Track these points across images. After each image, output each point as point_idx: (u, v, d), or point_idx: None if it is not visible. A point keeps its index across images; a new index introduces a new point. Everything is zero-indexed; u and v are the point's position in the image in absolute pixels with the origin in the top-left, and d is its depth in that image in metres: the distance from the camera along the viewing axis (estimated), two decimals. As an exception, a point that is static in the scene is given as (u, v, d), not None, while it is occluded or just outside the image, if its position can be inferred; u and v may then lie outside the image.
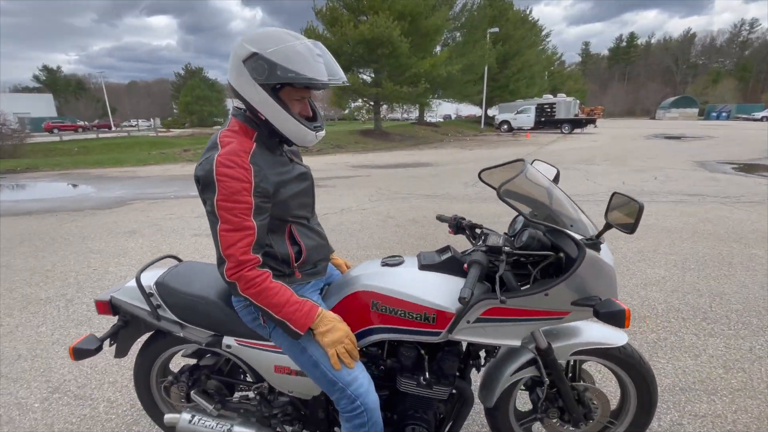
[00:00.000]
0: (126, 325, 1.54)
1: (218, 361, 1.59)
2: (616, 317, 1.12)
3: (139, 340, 1.58)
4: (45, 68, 59.69)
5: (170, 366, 1.72)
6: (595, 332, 1.41)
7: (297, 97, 1.17)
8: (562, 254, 1.24)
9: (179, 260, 1.64)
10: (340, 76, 1.15)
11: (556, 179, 1.50)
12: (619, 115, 69.47)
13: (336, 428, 1.46)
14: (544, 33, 40.88)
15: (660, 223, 5.05)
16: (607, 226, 1.21)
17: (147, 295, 1.43)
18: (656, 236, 4.53)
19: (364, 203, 6.64)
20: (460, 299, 1.03)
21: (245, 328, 1.34)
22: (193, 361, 1.60)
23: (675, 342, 2.49)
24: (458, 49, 24.66)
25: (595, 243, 1.18)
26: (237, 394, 1.59)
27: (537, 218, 1.22)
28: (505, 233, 1.46)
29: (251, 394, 1.52)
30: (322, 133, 1.25)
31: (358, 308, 1.31)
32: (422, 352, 1.34)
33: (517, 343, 1.26)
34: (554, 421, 1.50)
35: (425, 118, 33.15)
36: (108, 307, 1.51)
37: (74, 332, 2.74)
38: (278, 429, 1.46)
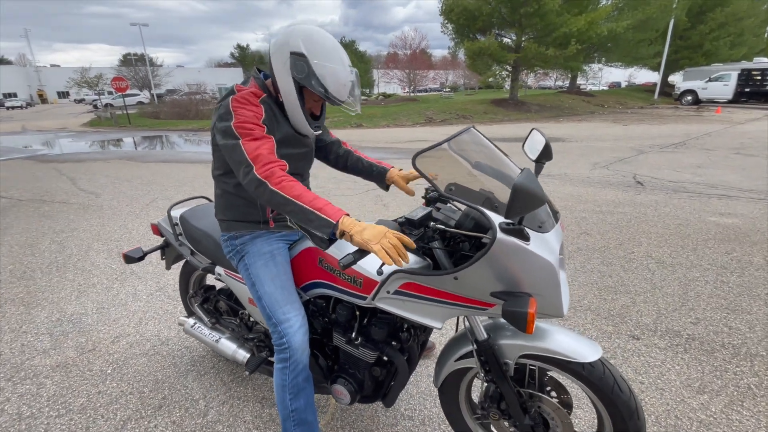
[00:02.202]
0: (167, 245, 1.97)
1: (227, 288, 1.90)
2: (516, 318, 0.95)
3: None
4: (238, 46, 72.95)
5: (204, 282, 2.12)
6: (557, 339, 1.16)
7: (315, 99, 1.31)
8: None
9: (209, 200, 1.98)
10: (356, 106, 1.30)
11: (545, 154, 1.24)
12: None
13: None
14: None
15: None
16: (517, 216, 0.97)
17: (173, 225, 1.81)
18: None
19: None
20: (338, 262, 1.02)
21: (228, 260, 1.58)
22: (218, 284, 1.95)
23: (782, 391, 1.83)
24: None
25: (516, 228, 0.96)
26: (230, 318, 1.87)
27: (453, 193, 1.07)
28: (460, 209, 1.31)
29: (242, 318, 1.79)
30: (319, 132, 1.40)
31: (309, 262, 1.40)
32: (357, 313, 1.36)
33: (438, 325, 1.17)
34: (506, 424, 1.34)
35: (584, 86, 28.55)
36: (157, 229, 1.95)
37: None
38: (253, 351, 1.70)
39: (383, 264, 1.02)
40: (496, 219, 0.99)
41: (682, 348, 2.16)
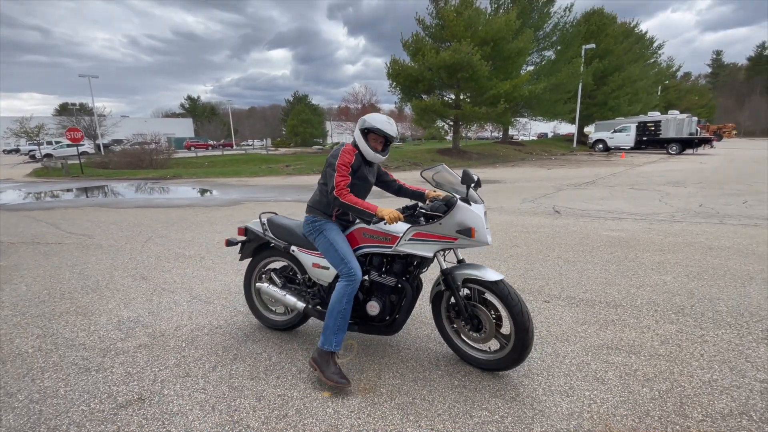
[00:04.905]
0: (249, 241, 2.92)
1: (288, 267, 2.85)
2: (465, 232, 2.06)
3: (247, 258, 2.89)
4: (189, 97, 73.64)
5: (265, 270, 3.00)
6: (481, 270, 2.24)
7: (374, 140, 2.39)
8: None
9: (276, 214, 2.93)
10: (396, 136, 2.39)
11: (478, 183, 2.38)
12: (760, 135, 58.89)
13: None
14: (656, 45, 37.63)
15: (709, 242, 5.08)
16: (467, 190, 2.15)
17: (262, 224, 2.80)
18: (692, 253, 4.68)
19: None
20: (372, 221, 2.11)
21: (303, 240, 2.56)
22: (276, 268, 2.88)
23: (631, 323, 3.02)
24: (547, 68, 24.37)
25: (465, 199, 2.13)
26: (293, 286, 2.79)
27: (438, 187, 2.20)
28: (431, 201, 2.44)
29: (299, 283, 2.74)
30: (381, 157, 2.43)
31: (358, 234, 2.43)
32: (385, 260, 2.40)
33: (431, 254, 2.23)
34: (466, 328, 2.36)
35: (516, 137, 32.62)
36: (243, 231, 2.92)
37: (205, 273, 4.28)
38: (310, 301, 2.62)
39: (388, 224, 2.15)
40: (457, 196, 2.13)
41: (575, 305, 3.33)
